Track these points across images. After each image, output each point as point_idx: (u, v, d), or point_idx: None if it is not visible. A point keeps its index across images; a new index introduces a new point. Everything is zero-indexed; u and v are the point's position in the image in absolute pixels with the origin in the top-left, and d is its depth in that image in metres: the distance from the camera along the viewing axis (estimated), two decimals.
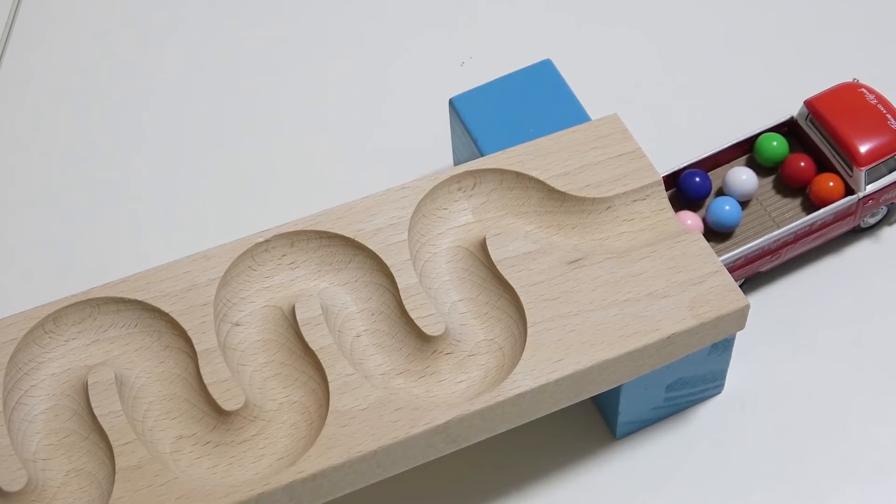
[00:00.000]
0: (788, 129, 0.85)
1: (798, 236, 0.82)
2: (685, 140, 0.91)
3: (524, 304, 0.71)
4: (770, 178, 0.84)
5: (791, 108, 0.86)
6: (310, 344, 0.70)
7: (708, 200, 0.83)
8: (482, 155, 0.80)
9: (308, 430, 0.68)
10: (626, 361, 0.70)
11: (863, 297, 0.84)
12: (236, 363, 0.71)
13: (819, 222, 0.82)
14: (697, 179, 0.82)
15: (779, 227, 0.82)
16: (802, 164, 0.83)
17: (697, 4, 1.01)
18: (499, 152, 0.77)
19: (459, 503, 0.78)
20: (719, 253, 0.80)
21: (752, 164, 0.85)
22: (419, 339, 0.71)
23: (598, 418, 0.80)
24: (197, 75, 1.00)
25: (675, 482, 0.78)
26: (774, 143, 0.84)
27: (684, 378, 0.77)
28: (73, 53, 1.02)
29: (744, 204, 0.83)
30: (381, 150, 0.94)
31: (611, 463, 0.79)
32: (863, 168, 0.81)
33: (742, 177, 0.82)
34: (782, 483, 0.77)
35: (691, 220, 0.81)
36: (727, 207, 0.81)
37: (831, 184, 0.82)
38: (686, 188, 0.82)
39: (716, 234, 0.82)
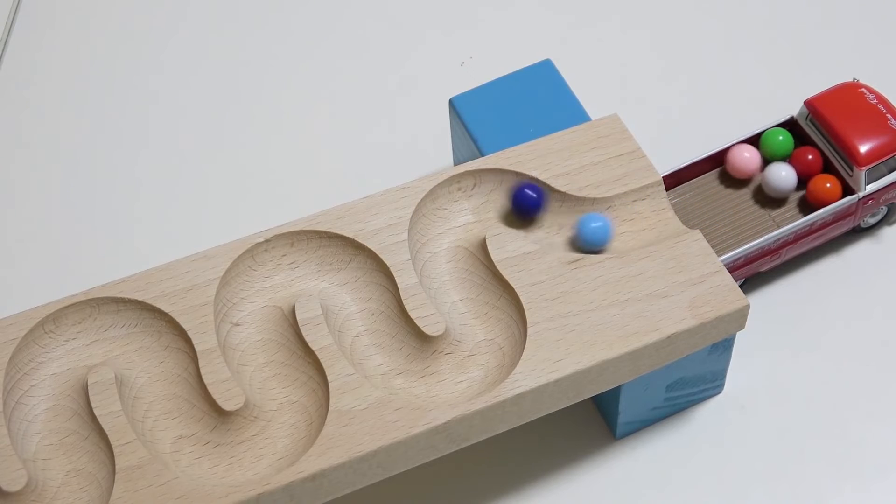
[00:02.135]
0: (789, 128, 0.85)
1: (798, 236, 0.82)
2: (685, 140, 0.91)
3: (524, 304, 0.71)
4: None
5: (791, 108, 0.86)
6: (310, 344, 0.70)
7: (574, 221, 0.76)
8: (482, 155, 0.80)
9: (308, 430, 0.68)
10: (626, 361, 0.70)
11: (863, 297, 0.84)
12: (236, 363, 0.71)
13: (819, 222, 0.82)
14: (530, 193, 0.74)
15: (779, 227, 0.81)
16: (810, 156, 0.82)
17: (697, 4, 1.01)
18: (499, 152, 0.77)
19: (459, 503, 0.78)
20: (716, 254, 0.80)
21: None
22: (419, 339, 0.71)
23: (598, 418, 0.80)
24: (197, 76, 1.00)
25: (675, 482, 0.78)
26: (780, 138, 0.84)
27: (684, 378, 0.77)
28: (74, 53, 1.02)
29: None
30: (381, 150, 0.94)
31: (611, 463, 0.79)
32: (863, 168, 0.81)
33: (782, 173, 0.82)
34: (782, 483, 0.77)
35: (749, 152, 0.82)
36: (598, 224, 0.74)
37: (828, 185, 0.82)
38: (520, 201, 0.75)
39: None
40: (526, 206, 0.75)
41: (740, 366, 0.80)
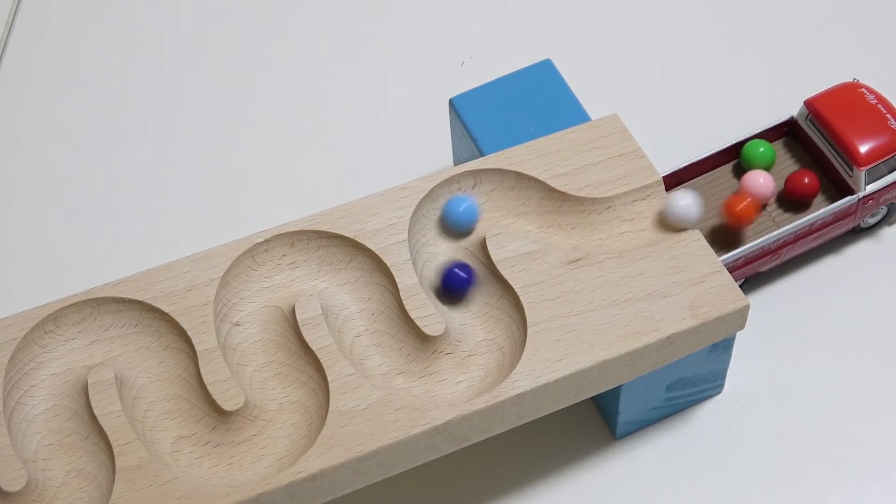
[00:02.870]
0: (788, 129, 0.85)
1: (798, 236, 0.82)
2: (685, 140, 0.91)
3: (524, 304, 0.71)
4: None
5: (791, 108, 0.86)
6: (310, 344, 0.70)
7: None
8: (482, 155, 0.80)
9: (308, 430, 0.68)
10: (626, 361, 0.70)
11: (863, 297, 0.84)
12: (236, 363, 0.71)
13: (819, 222, 0.82)
14: (460, 274, 0.73)
15: (779, 227, 0.81)
16: (807, 180, 0.82)
17: (697, 4, 1.01)
18: (499, 152, 0.77)
19: (459, 503, 0.78)
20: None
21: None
22: (419, 339, 0.71)
23: (598, 418, 0.80)
24: (196, 75, 1.00)
25: (675, 482, 0.78)
26: (761, 150, 0.83)
27: (684, 378, 0.77)
28: (73, 53, 1.02)
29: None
30: (381, 149, 0.94)
31: (611, 463, 0.79)
32: (863, 168, 0.81)
33: (681, 202, 0.75)
34: (782, 483, 0.77)
35: (763, 178, 0.81)
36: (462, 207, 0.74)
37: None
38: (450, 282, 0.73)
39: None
40: (456, 285, 0.73)
41: (740, 366, 0.80)
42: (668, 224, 0.75)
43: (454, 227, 0.75)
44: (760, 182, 0.81)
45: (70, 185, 0.94)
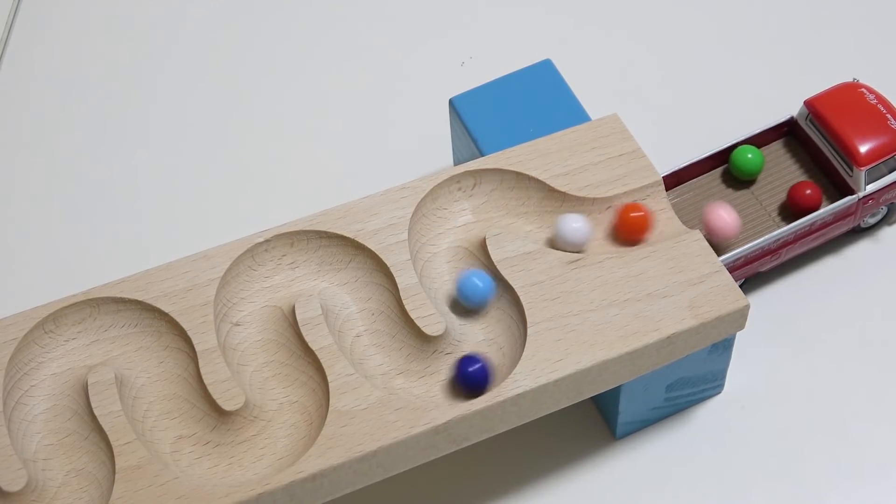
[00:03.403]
0: (788, 129, 0.85)
1: (798, 236, 0.82)
2: (685, 140, 0.91)
3: (524, 304, 0.71)
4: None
5: (791, 108, 0.86)
6: (310, 344, 0.70)
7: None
8: (482, 155, 0.80)
9: (308, 430, 0.68)
10: (626, 361, 0.70)
11: (863, 297, 0.84)
12: (236, 363, 0.71)
13: (819, 222, 0.82)
14: (473, 369, 0.69)
15: (779, 227, 0.82)
16: (809, 191, 0.82)
17: (697, 4, 1.01)
18: (499, 152, 0.77)
19: (459, 503, 0.78)
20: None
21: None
22: (419, 339, 0.71)
23: (598, 418, 0.80)
24: (197, 76, 1.00)
25: (675, 482, 0.78)
26: (749, 156, 0.83)
27: (684, 378, 0.77)
28: (74, 53, 1.02)
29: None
30: (380, 150, 0.95)
31: (611, 463, 0.79)
32: (863, 168, 0.81)
33: (573, 225, 0.74)
34: (782, 483, 0.77)
35: (725, 212, 0.78)
36: (479, 283, 0.72)
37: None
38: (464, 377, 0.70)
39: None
40: (473, 382, 0.70)
41: (740, 366, 0.80)
42: (559, 246, 0.74)
43: (469, 304, 0.73)
44: (725, 218, 0.78)
45: (70, 185, 0.94)
